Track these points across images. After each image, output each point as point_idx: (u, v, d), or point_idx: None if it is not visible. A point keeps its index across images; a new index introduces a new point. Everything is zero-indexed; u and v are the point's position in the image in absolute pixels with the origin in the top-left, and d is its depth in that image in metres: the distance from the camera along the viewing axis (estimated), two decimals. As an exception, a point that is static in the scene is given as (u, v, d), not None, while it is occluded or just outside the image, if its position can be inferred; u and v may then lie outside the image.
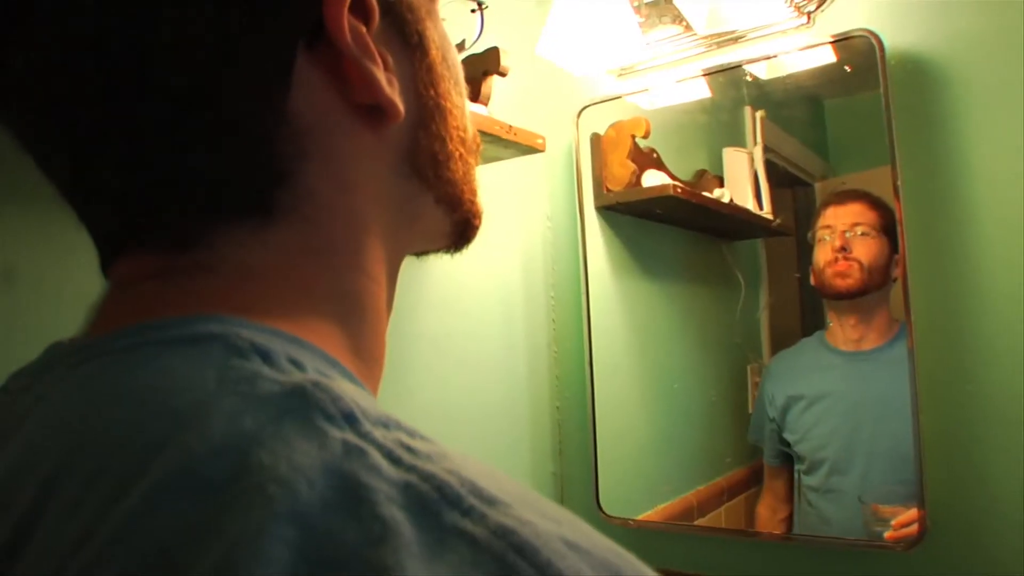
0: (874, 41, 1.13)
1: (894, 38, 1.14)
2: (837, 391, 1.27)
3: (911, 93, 1.13)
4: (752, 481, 1.35)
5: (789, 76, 1.27)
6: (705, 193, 1.39)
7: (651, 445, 1.44)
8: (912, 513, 1.11)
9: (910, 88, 1.13)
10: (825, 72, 1.23)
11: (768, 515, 1.31)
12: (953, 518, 1.08)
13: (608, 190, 1.43)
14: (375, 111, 0.35)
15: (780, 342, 1.36)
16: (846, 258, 1.21)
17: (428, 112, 0.39)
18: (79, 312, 0.36)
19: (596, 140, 1.44)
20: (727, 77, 1.32)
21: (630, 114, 1.41)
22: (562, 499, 1.45)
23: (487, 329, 1.33)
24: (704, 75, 1.32)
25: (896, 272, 1.16)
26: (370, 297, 0.38)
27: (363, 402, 0.27)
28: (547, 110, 1.46)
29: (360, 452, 0.24)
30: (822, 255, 1.24)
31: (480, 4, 0.52)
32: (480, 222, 0.45)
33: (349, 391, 0.27)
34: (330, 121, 0.35)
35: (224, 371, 0.27)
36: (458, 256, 1.47)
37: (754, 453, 1.36)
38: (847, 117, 1.31)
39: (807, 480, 1.26)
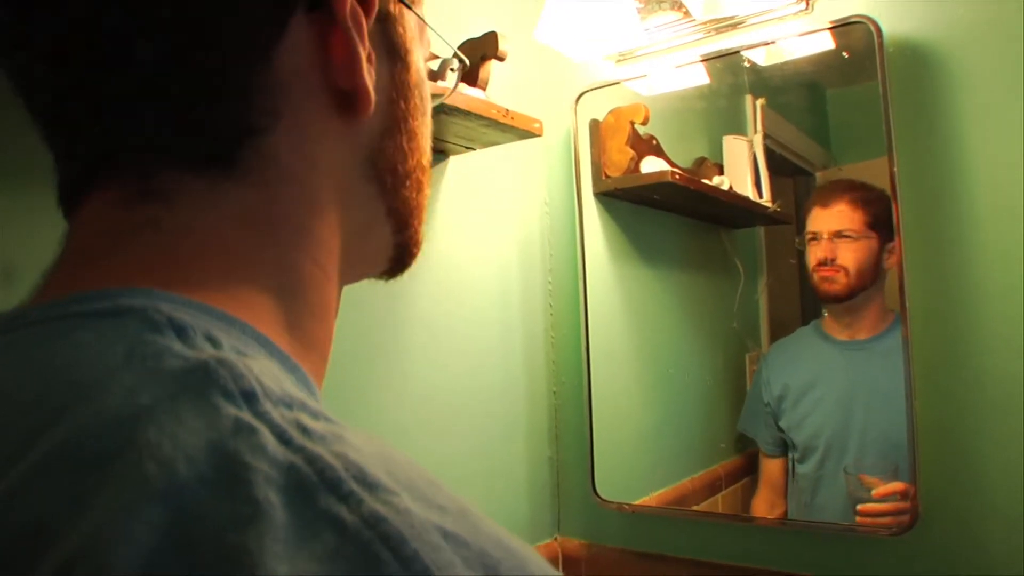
0: (872, 27, 1.12)
1: (892, 24, 1.13)
2: (831, 380, 1.28)
3: (909, 80, 1.13)
4: (750, 469, 1.36)
5: (789, 63, 1.27)
6: (704, 180, 1.39)
7: (648, 431, 1.45)
8: (897, 485, 1.12)
9: (908, 75, 1.13)
10: (824, 59, 1.22)
11: (766, 511, 1.32)
12: (945, 504, 1.09)
13: (607, 176, 1.43)
14: (348, 99, 0.36)
15: (779, 330, 1.36)
16: (832, 267, 1.21)
17: (396, 124, 0.40)
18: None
19: (595, 126, 1.44)
20: (726, 64, 1.31)
21: (629, 100, 1.41)
22: (558, 484, 1.46)
23: (484, 314, 1.33)
24: (703, 61, 1.32)
25: (889, 262, 1.16)
26: (315, 284, 0.37)
27: (270, 381, 0.26)
28: (545, 96, 1.46)
29: (250, 430, 0.23)
30: (811, 259, 1.25)
31: (462, 61, 0.54)
32: (418, 252, 0.46)
33: (257, 369, 0.27)
34: (307, 88, 0.35)
35: (133, 346, 0.27)
36: (456, 240, 1.47)
37: (751, 441, 1.36)
38: (849, 106, 1.31)
39: (800, 468, 1.27)
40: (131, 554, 0.20)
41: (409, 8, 0.40)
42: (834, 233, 1.21)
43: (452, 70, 0.52)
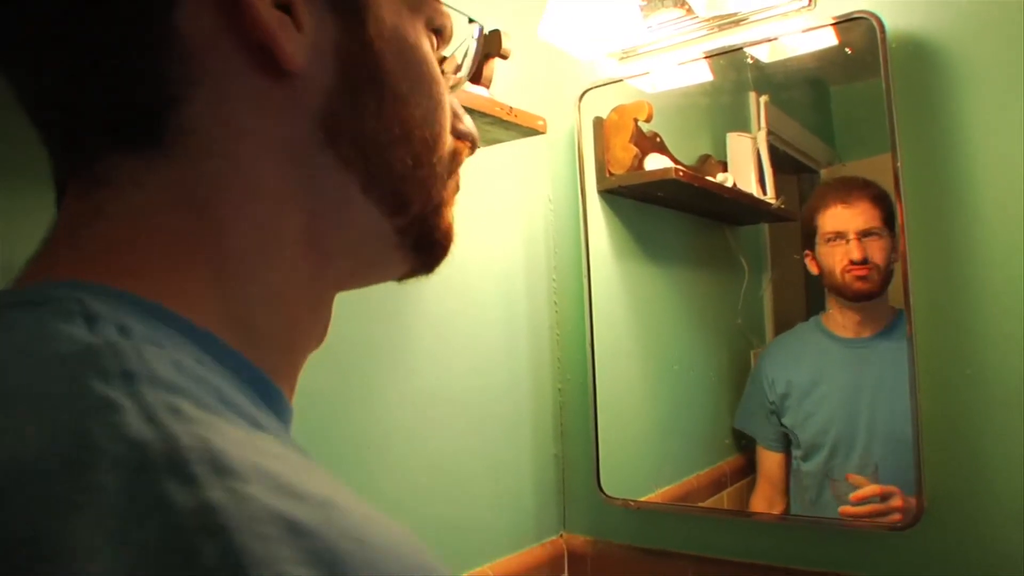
0: (875, 23, 1.12)
1: (895, 20, 1.13)
2: (836, 378, 1.28)
3: (912, 76, 1.13)
4: (755, 465, 1.36)
5: (792, 59, 1.27)
6: (708, 177, 1.39)
7: (653, 428, 1.45)
8: (873, 488, 1.13)
9: (911, 71, 1.13)
10: (827, 55, 1.22)
11: (765, 506, 1.32)
12: (950, 500, 1.09)
13: (610, 173, 1.44)
14: (268, 56, 0.34)
15: (783, 326, 1.36)
16: (866, 266, 1.21)
17: (358, 84, 0.37)
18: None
19: (599, 123, 1.45)
20: (729, 60, 1.32)
21: (632, 98, 1.42)
22: (564, 481, 1.47)
23: (489, 312, 1.34)
24: (706, 58, 1.32)
25: (894, 259, 1.16)
26: (263, 274, 0.36)
27: (160, 366, 0.26)
28: (549, 93, 1.47)
29: (112, 409, 0.23)
30: (837, 259, 1.23)
31: (480, 31, 0.51)
32: (445, 240, 0.43)
33: (150, 355, 0.26)
34: (221, 50, 0.34)
35: (35, 332, 0.27)
36: (460, 238, 1.48)
37: (752, 438, 1.36)
38: (852, 103, 1.31)
39: (805, 467, 1.27)
40: None
41: None
42: (862, 232, 1.21)
43: (475, 37, 0.50)
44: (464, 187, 1.46)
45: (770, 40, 1.25)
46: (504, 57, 1.19)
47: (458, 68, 0.48)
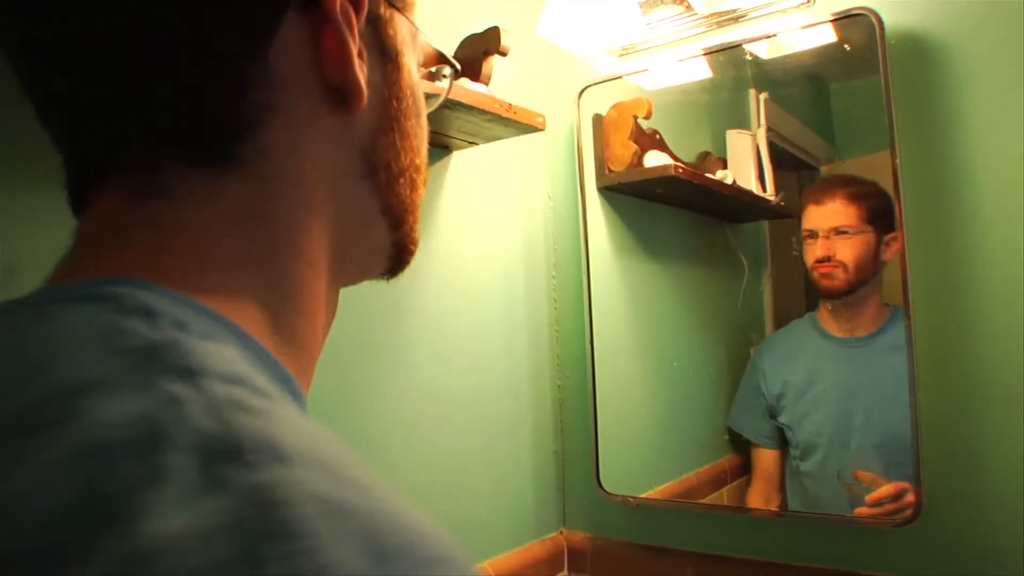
0: (873, 19, 1.12)
1: (893, 16, 1.13)
2: (832, 378, 1.28)
3: (911, 72, 1.13)
4: (752, 464, 1.36)
5: (791, 56, 1.27)
6: (708, 174, 1.39)
7: (653, 425, 1.45)
8: (887, 488, 1.13)
9: (910, 67, 1.13)
10: (826, 52, 1.22)
11: (761, 503, 1.32)
12: (948, 496, 1.09)
13: (610, 170, 1.44)
14: (341, 94, 0.38)
15: (783, 323, 1.36)
16: (831, 264, 1.22)
17: (389, 122, 0.42)
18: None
19: (598, 120, 1.45)
20: (728, 57, 1.32)
21: (632, 95, 1.42)
22: (563, 478, 1.47)
23: (488, 308, 1.34)
24: (705, 55, 1.32)
25: (887, 254, 1.17)
26: (304, 282, 0.39)
27: (219, 361, 0.28)
28: (549, 90, 1.47)
29: (179, 402, 0.25)
30: (809, 256, 1.25)
31: (454, 68, 0.55)
32: (415, 250, 0.47)
33: (208, 351, 0.28)
34: (301, 84, 0.37)
35: (98, 326, 0.29)
36: (460, 235, 1.48)
37: (739, 449, 1.37)
38: (852, 100, 1.31)
39: (803, 466, 1.27)
40: (47, 508, 0.22)
41: (400, 12, 0.42)
42: (831, 230, 1.22)
43: (444, 76, 0.54)
44: (463, 184, 1.47)
45: (769, 37, 1.25)
46: (503, 54, 1.19)
47: (434, 100, 0.53)
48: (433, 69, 0.54)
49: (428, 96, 0.49)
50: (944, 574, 1.09)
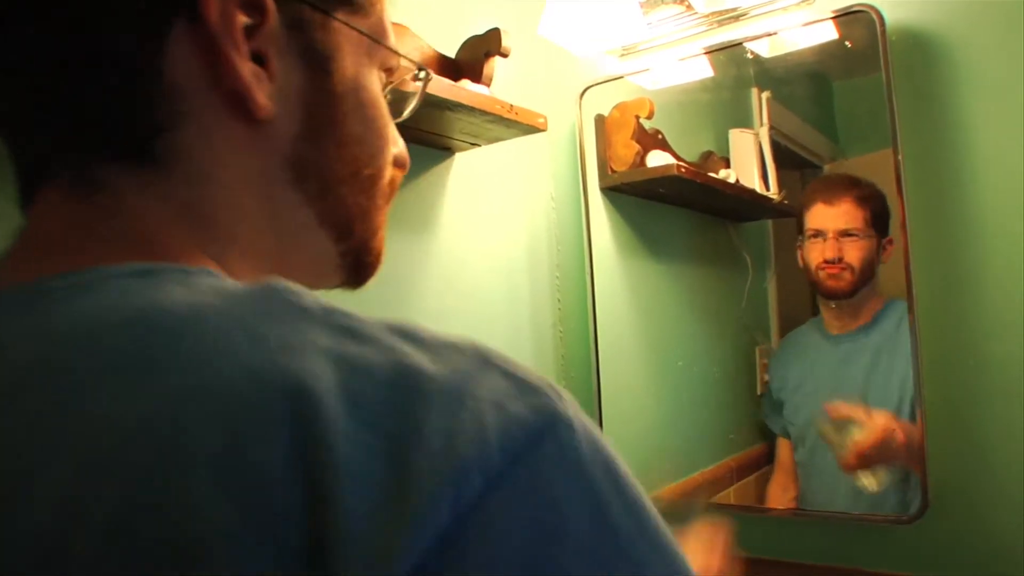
0: (874, 16, 1.13)
1: (894, 13, 1.13)
2: (820, 373, 1.30)
3: (912, 69, 1.13)
4: (762, 461, 1.36)
5: (792, 54, 1.27)
6: (711, 174, 1.39)
7: (657, 425, 1.45)
8: (873, 434, 1.14)
9: (911, 64, 1.13)
10: (828, 49, 1.22)
11: (779, 493, 1.32)
12: (954, 492, 1.09)
13: (612, 171, 1.44)
14: (243, 103, 0.38)
15: (788, 322, 1.36)
16: (839, 265, 1.22)
17: (319, 130, 0.41)
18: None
19: (600, 121, 1.45)
20: (729, 56, 1.32)
21: (634, 95, 1.42)
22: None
23: (492, 309, 1.34)
24: (706, 53, 1.32)
25: (884, 257, 1.17)
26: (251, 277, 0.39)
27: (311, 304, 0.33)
28: (550, 91, 1.47)
29: (292, 348, 0.29)
30: (814, 256, 1.25)
31: (426, 75, 0.53)
32: (375, 262, 0.47)
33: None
34: (200, 92, 0.37)
35: (189, 284, 0.32)
36: (463, 236, 1.48)
37: (762, 434, 1.37)
38: (855, 98, 1.31)
39: (797, 456, 1.28)
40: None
41: (336, 17, 0.41)
42: (840, 232, 1.22)
43: (418, 79, 0.53)
44: (466, 185, 1.47)
45: (770, 35, 1.26)
46: (504, 55, 1.19)
47: (400, 103, 0.52)
48: (419, 72, 0.53)
49: (399, 101, 0.48)
50: (950, 570, 1.09)
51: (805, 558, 1.20)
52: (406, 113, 0.53)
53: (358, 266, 0.46)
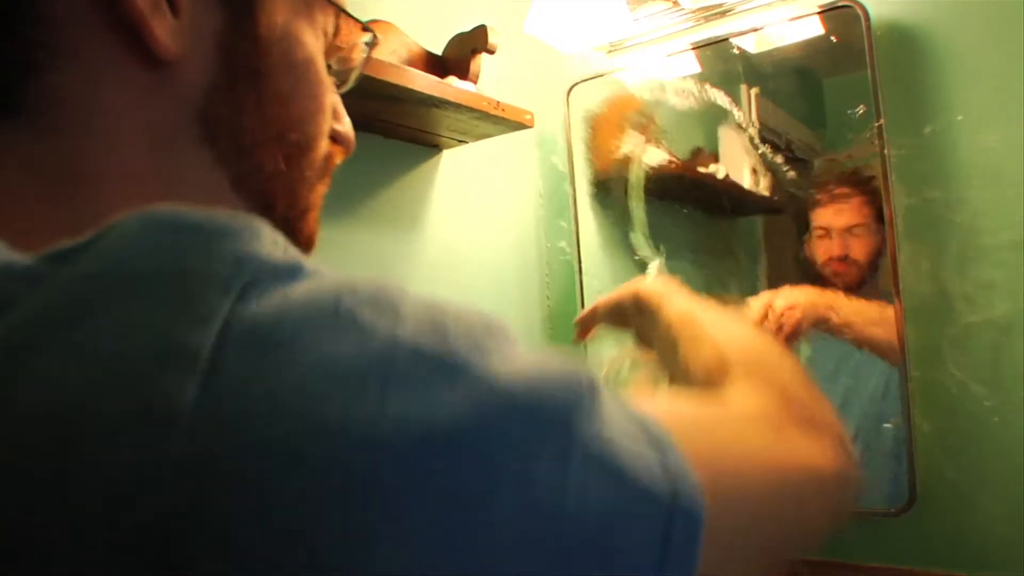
0: (859, 11, 1.13)
1: (879, 8, 1.14)
2: (818, 362, 1.29)
3: (898, 64, 1.13)
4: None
5: (780, 49, 1.27)
6: (700, 169, 1.39)
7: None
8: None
9: (896, 59, 1.14)
10: (815, 44, 1.22)
11: None
12: (941, 485, 1.09)
13: (602, 167, 1.44)
14: (143, 42, 0.33)
15: (779, 319, 1.36)
16: (845, 263, 1.22)
17: (236, 80, 0.36)
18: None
19: (589, 117, 1.45)
20: (716, 52, 1.32)
21: (622, 91, 1.42)
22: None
23: (480, 306, 1.34)
24: (693, 49, 1.32)
25: (882, 253, 1.18)
26: None
27: None
28: (538, 88, 1.47)
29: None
30: (821, 252, 1.25)
31: (372, 38, 0.46)
32: (305, 248, 0.41)
33: None
34: (87, 24, 0.32)
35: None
36: (451, 233, 1.47)
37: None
38: (846, 94, 1.31)
39: None
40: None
41: None
42: (846, 228, 1.22)
43: (366, 43, 0.47)
44: (455, 183, 1.46)
45: (756, 30, 1.26)
46: (491, 52, 1.19)
47: (346, 73, 0.46)
48: (365, 36, 0.46)
49: (344, 71, 0.44)
50: (937, 563, 1.09)
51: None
52: (350, 81, 0.46)
53: None
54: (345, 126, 0.43)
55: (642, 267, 1.49)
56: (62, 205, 0.32)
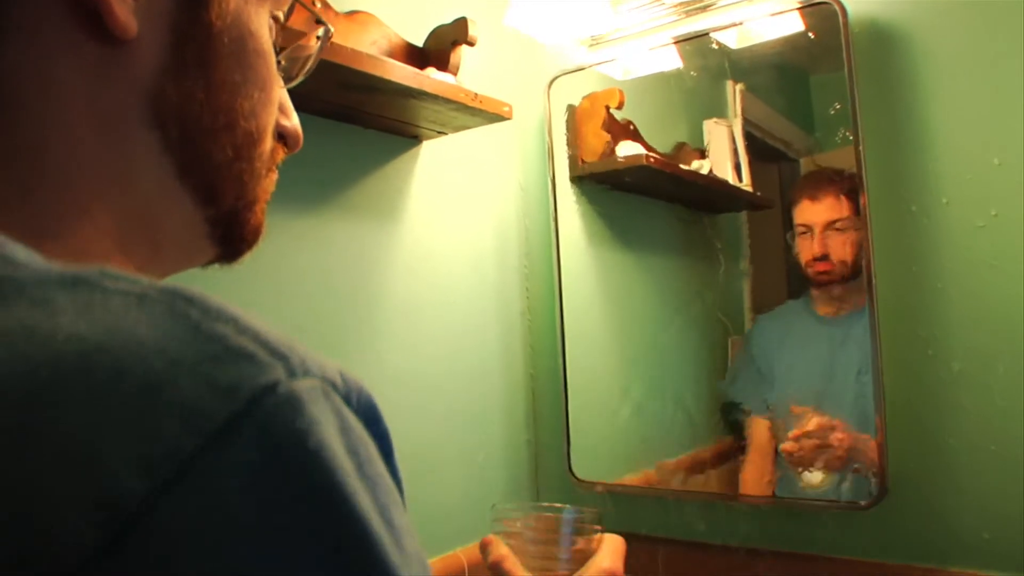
0: (837, 8, 1.13)
1: (857, 5, 1.14)
2: (807, 354, 1.29)
3: (874, 61, 1.14)
4: (729, 452, 1.36)
5: (765, 46, 1.27)
6: (683, 165, 1.39)
7: (626, 414, 1.46)
8: (813, 422, 1.18)
9: (874, 56, 1.14)
10: (794, 41, 1.23)
11: (756, 478, 1.31)
12: (911, 479, 1.10)
13: (582, 161, 1.44)
14: (98, 18, 0.32)
15: (762, 313, 1.37)
16: (827, 262, 1.22)
17: (186, 67, 0.35)
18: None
19: (570, 111, 1.45)
20: (697, 46, 1.32)
21: (604, 85, 1.42)
22: (536, 466, 1.48)
23: (459, 298, 1.35)
24: (675, 43, 1.32)
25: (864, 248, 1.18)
26: (98, 258, 0.33)
27: None
28: (519, 81, 1.47)
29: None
30: (803, 251, 1.25)
31: (326, 31, 0.47)
32: (252, 238, 0.41)
33: None
34: (43, 2, 0.32)
35: None
36: (430, 224, 1.48)
37: (731, 427, 1.36)
38: (831, 92, 1.31)
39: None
40: None
41: None
42: (826, 225, 1.22)
43: (318, 37, 0.46)
44: (434, 174, 1.47)
45: (736, 25, 1.26)
46: (471, 44, 1.20)
47: (300, 67, 0.46)
48: (319, 28, 0.45)
49: (294, 65, 0.44)
50: (907, 555, 1.10)
51: (762, 544, 1.21)
52: (301, 76, 0.46)
53: (230, 239, 0.40)
54: (292, 121, 0.43)
55: (621, 262, 1.50)
56: (12, 181, 0.31)
